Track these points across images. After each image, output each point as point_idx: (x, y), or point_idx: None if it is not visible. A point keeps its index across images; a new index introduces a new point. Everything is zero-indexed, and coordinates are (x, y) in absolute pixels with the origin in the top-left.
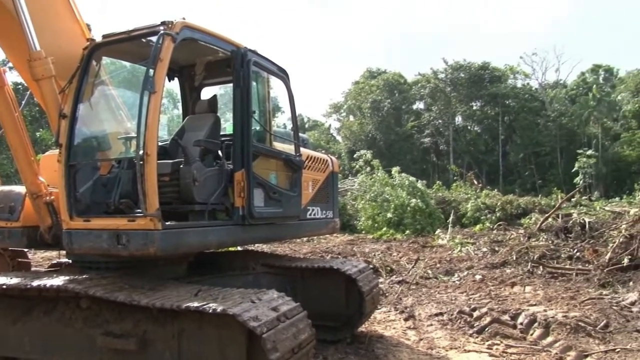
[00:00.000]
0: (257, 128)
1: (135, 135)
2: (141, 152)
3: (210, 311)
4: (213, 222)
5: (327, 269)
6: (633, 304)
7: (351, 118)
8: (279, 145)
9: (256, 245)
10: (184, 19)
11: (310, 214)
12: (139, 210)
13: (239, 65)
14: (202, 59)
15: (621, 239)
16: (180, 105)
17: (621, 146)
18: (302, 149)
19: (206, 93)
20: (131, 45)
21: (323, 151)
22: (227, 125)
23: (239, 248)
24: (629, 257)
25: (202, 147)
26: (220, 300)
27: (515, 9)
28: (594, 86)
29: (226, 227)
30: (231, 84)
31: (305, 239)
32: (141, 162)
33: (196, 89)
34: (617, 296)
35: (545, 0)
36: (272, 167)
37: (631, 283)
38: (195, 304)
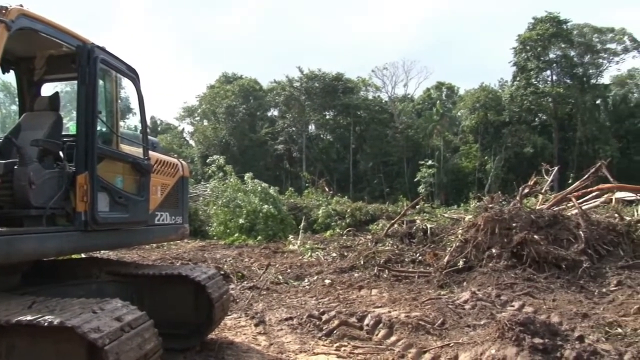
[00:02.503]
0: (104, 129)
1: None
2: None
3: (46, 324)
4: (52, 227)
5: (176, 275)
6: (466, 302)
7: (205, 122)
8: (126, 148)
9: (102, 252)
10: (21, 5)
11: (158, 220)
12: None
13: (84, 62)
14: (43, 52)
15: (457, 243)
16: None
17: (460, 158)
18: (151, 153)
19: (47, 89)
20: None
21: (174, 155)
22: (70, 125)
23: (83, 255)
24: (464, 259)
25: (41, 148)
26: (57, 311)
27: (370, 24)
28: (438, 102)
29: (67, 233)
30: (75, 81)
31: (155, 245)
32: None
33: (36, 84)
34: (453, 296)
35: (398, 17)
36: (118, 171)
37: (465, 283)
38: (29, 317)
